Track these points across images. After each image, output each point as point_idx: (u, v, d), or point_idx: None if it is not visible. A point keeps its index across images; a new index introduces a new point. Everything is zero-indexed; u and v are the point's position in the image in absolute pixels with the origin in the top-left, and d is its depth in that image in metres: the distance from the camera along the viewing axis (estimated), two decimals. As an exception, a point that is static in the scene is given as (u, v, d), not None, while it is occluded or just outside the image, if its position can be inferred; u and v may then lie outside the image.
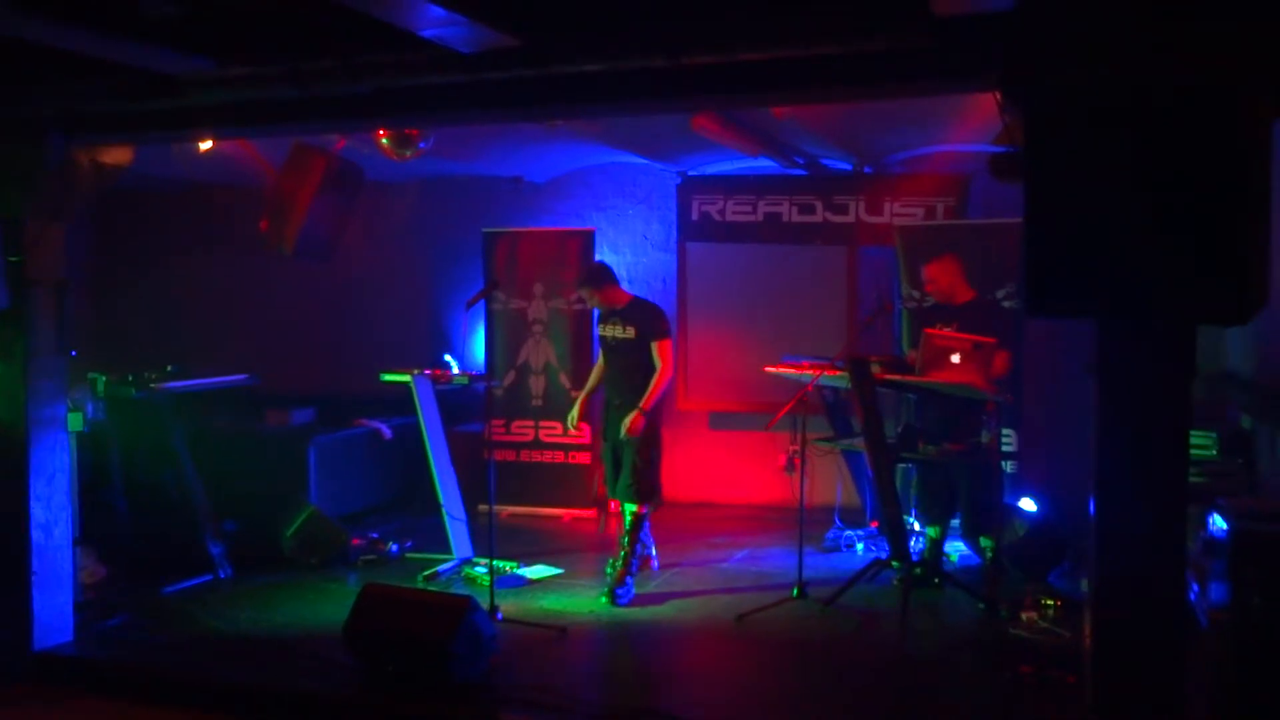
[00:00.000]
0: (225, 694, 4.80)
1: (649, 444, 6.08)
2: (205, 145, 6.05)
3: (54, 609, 5.32)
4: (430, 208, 9.11)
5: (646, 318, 6.16)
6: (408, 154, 6.50)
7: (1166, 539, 3.20)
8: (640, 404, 5.98)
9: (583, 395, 6.48)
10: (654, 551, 6.55)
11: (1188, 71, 2.93)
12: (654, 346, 6.06)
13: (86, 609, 5.62)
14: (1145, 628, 3.23)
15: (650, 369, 6.06)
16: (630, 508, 6.13)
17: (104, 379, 6.28)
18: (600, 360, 6.38)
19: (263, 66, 4.36)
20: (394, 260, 9.21)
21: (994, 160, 4.96)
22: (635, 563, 6.14)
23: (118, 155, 5.43)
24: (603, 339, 6.27)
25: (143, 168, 5.82)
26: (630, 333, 6.12)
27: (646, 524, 6.28)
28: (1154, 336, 3.14)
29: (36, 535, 5.25)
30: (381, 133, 6.31)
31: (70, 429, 5.49)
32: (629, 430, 5.97)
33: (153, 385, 6.31)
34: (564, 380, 8.17)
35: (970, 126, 6.31)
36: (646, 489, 6.10)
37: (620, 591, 5.94)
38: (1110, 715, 3.30)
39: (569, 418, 6.44)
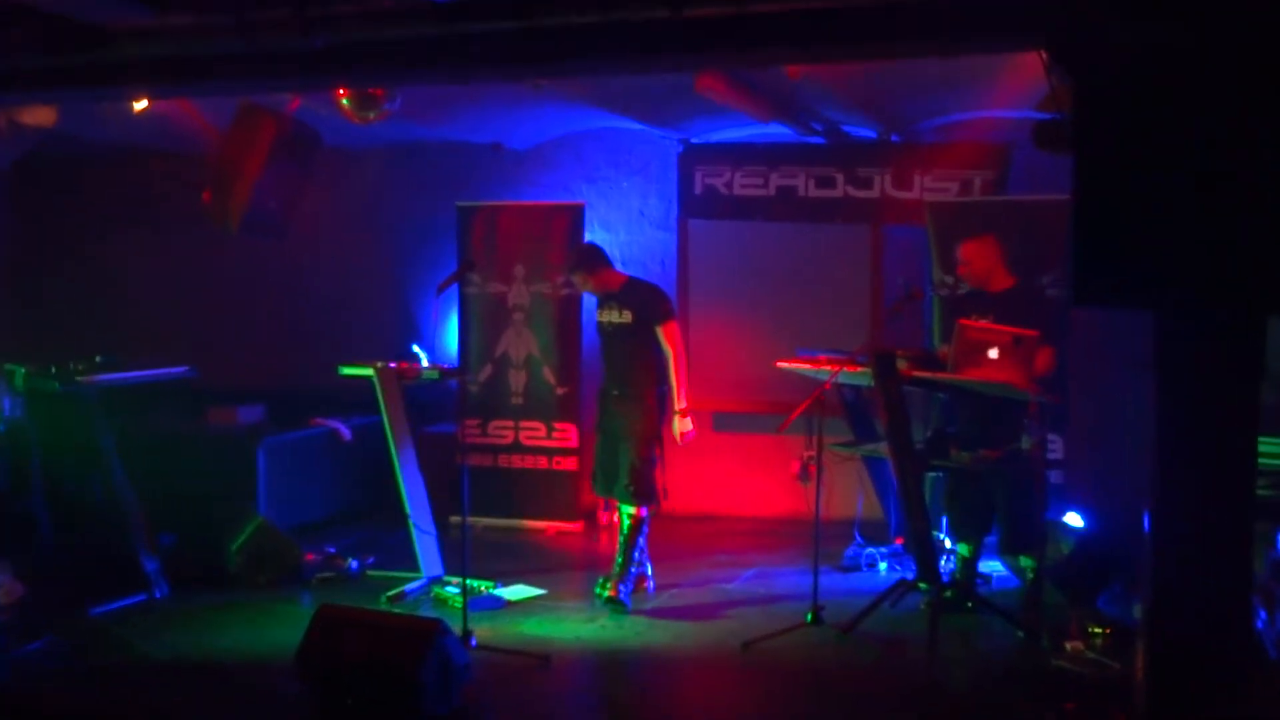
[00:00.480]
0: (160, 730, 4.80)
1: (650, 440, 6.19)
2: (140, 105, 6.02)
3: (-35, 632, 5.32)
4: (397, 178, 9.10)
5: (645, 300, 6.25)
6: (371, 116, 6.49)
7: (1231, 559, 3.21)
8: (679, 405, 6.20)
9: None
10: (650, 570, 6.57)
11: (1262, 28, 2.92)
12: (659, 331, 6.16)
13: (2, 632, 5.61)
14: (1205, 659, 3.24)
15: (652, 356, 6.18)
16: (627, 509, 6.22)
17: (22, 371, 6.27)
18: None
19: (206, 15, 4.36)
20: (356, 238, 9.20)
21: (1038, 128, 4.96)
22: (634, 570, 6.21)
23: (38, 116, 5.43)
24: (600, 325, 6.39)
25: (68, 129, 5.82)
26: (627, 317, 6.21)
27: (644, 535, 6.32)
28: (1219, 330, 3.15)
29: (-55, 549, 5.24)
30: (341, 92, 6.29)
31: (-16, 428, 5.48)
32: (685, 438, 6.26)
33: (79, 378, 6.30)
34: (548, 375, 8.17)
35: (1012, 90, 6.31)
36: (646, 489, 6.19)
37: (623, 588, 6.13)
38: (1165, 758, 3.31)
39: None
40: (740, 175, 8.19)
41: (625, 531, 6.25)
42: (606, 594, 6.14)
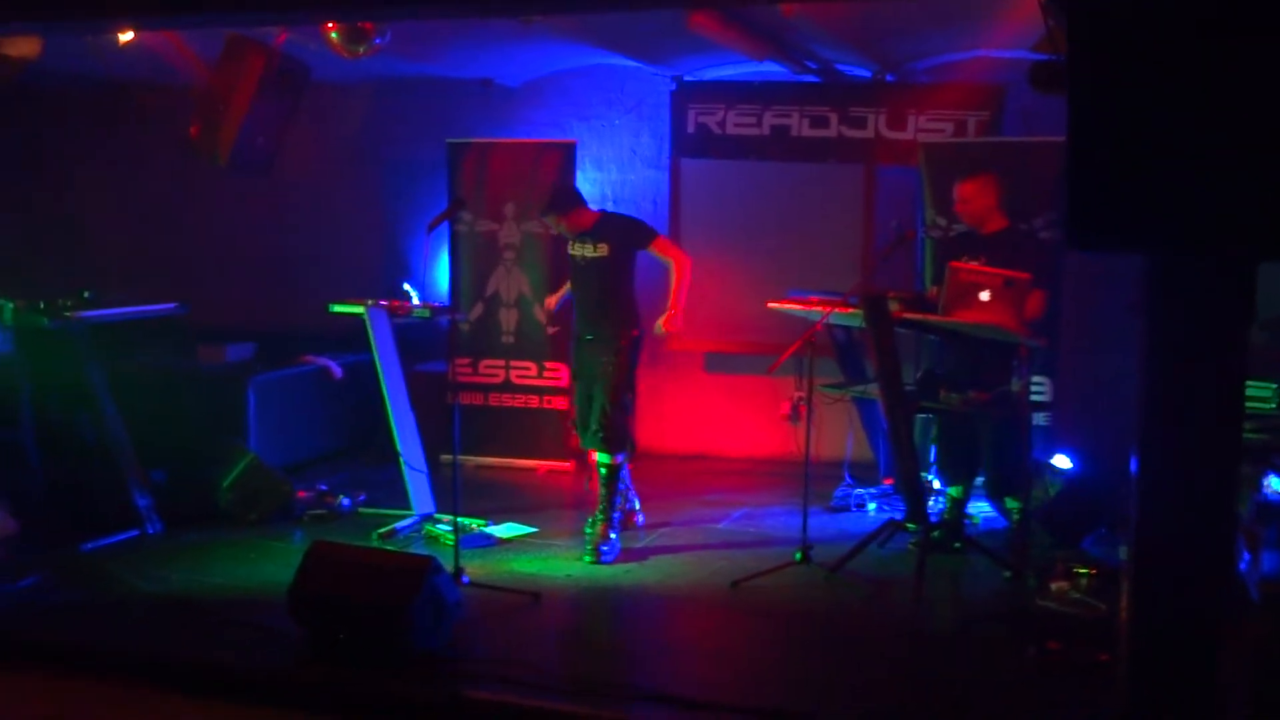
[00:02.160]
0: (153, 665, 4.82)
1: (622, 385, 6.17)
2: (125, 37, 5.94)
3: (-43, 568, 5.34)
4: (387, 114, 9.01)
5: (624, 229, 6.27)
6: (361, 51, 6.42)
7: (1216, 502, 3.23)
8: (670, 304, 6.14)
9: (557, 294, 6.72)
10: (638, 505, 6.62)
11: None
12: (653, 251, 6.23)
13: (-6, 568, 5.64)
14: (1189, 600, 3.28)
15: (627, 292, 6.20)
16: (604, 458, 6.20)
17: (11, 306, 6.23)
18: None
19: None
20: (345, 174, 9.14)
21: (1034, 69, 4.91)
22: (617, 515, 6.22)
23: (23, 47, 5.35)
24: (572, 259, 6.34)
25: (53, 63, 5.74)
26: (603, 250, 6.18)
27: (626, 473, 6.36)
28: (1209, 274, 3.15)
29: (-65, 484, 5.25)
30: (330, 25, 6.21)
31: (-27, 364, 5.47)
32: (669, 327, 6.16)
33: (68, 314, 6.28)
34: (539, 314, 8.15)
35: (1009, 30, 6.25)
36: (618, 437, 6.17)
37: (605, 549, 6.04)
38: (1145, 697, 3.36)
39: (544, 304, 6.60)
40: (733, 114, 8.13)
41: (603, 478, 6.21)
42: (588, 558, 6.03)
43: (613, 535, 6.12)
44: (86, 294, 6.48)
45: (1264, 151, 2.83)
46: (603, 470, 6.21)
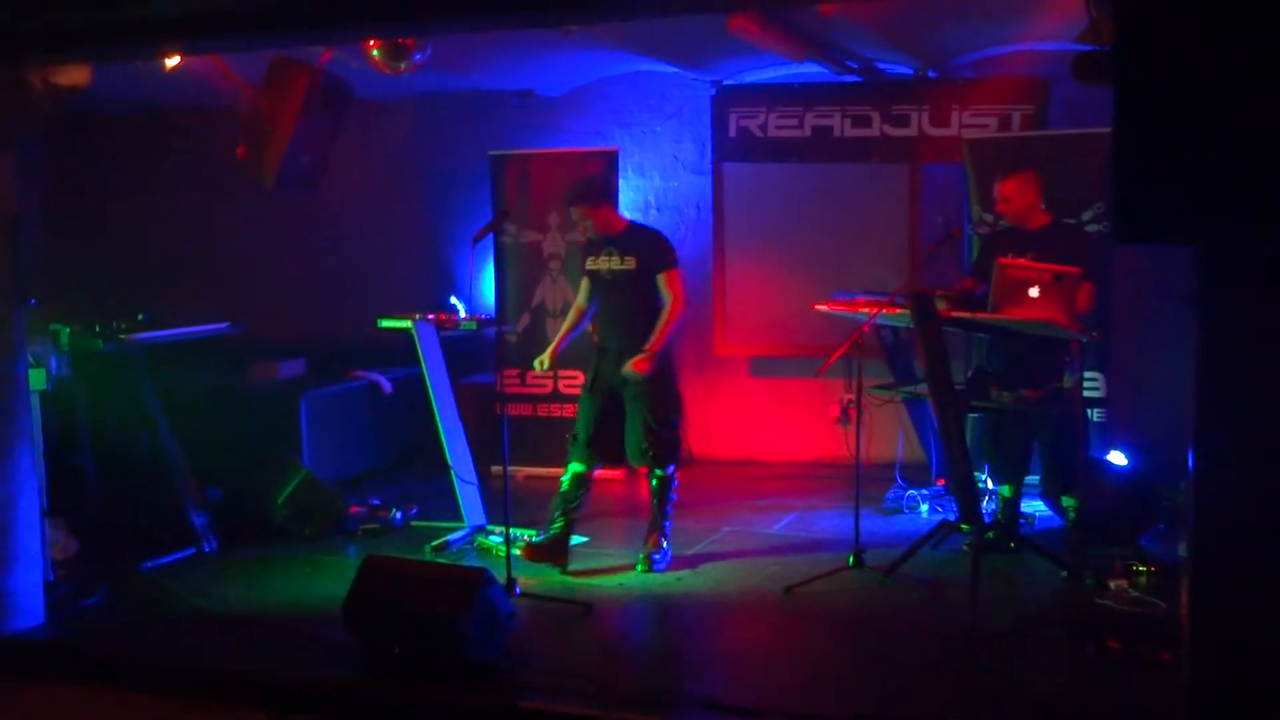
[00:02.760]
0: (213, 680, 4.89)
1: (663, 399, 5.94)
2: (172, 62, 6.03)
3: (23, 589, 5.41)
4: (429, 129, 9.08)
5: (652, 246, 6.01)
6: (402, 67, 6.47)
7: (1275, 496, 3.17)
8: (647, 346, 5.83)
9: (558, 338, 6.29)
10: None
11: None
12: (661, 279, 5.92)
13: (58, 588, 5.72)
14: (1251, 597, 3.22)
15: (656, 306, 5.93)
16: (657, 472, 6.03)
17: (68, 330, 6.33)
18: (579, 300, 6.28)
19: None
20: (389, 190, 9.21)
21: (1078, 61, 4.85)
22: (668, 524, 6.12)
23: (74, 76, 5.43)
24: (594, 274, 6.09)
25: (102, 90, 5.84)
26: (630, 264, 5.95)
27: (674, 491, 6.14)
28: (1261, 266, 3.09)
29: (-1, 509, 5.34)
30: (372, 43, 6.27)
31: (32, 388, 5.56)
32: (637, 369, 5.78)
33: (123, 336, 6.37)
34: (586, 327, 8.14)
35: (1051, 22, 6.20)
36: (665, 451, 5.98)
37: (656, 557, 5.99)
38: (1210, 696, 3.31)
39: (537, 361, 6.23)
40: (775, 116, 8.12)
41: (655, 493, 6.05)
42: (641, 567, 5.95)
43: (665, 544, 6.09)
44: (141, 316, 6.57)
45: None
46: (653, 482, 6.08)
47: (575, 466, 6.10)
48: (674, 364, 6.13)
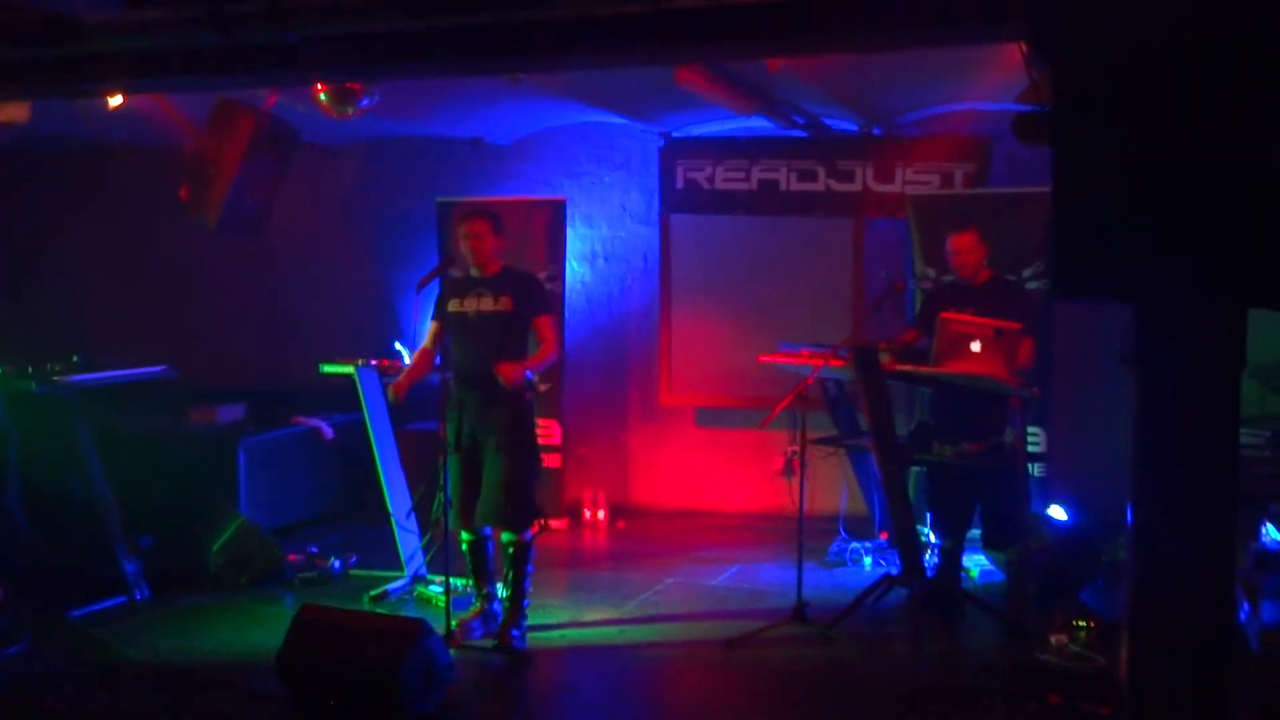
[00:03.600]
0: (140, 733, 4.77)
1: (529, 451, 5.65)
2: (115, 101, 5.98)
3: (-58, 636, 5.27)
4: (376, 174, 9.05)
5: (530, 289, 5.74)
6: (349, 112, 6.45)
7: (1213, 551, 3.20)
8: (523, 363, 5.50)
9: (408, 376, 5.86)
10: (502, 593, 5.76)
11: (1243, 19, 2.92)
12: (539, 324, 5.66)
13: (-19, 635, 5.58)
14: (1189, 652, 3.24)
15: (523, 352, 5.63)
16: (509, 536, 5.61)
17: (0, 371, 6.22)
18: (427, 343, 5.94)
19: (180, 8, 4.32)
20: (335, 234, 9.15)
21: (1018, 120, 4.94)
22: (526, 600, 5.69)
23: (12, 112, 5.37)
24: (458, 316, 5.68)
25: (42, 127, 5.77)
26: (504, 305, 5.61)
27: (532, 560, 5.73)
28: (1199, 323, 3.14)
29: (-79, 551, 5.20)
30: (319, 87, 6.26)
31: (-40, 429, 5.43)
32: (504, 374, 5.38)
33: (56, 378, 6.25)
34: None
35: (993, 82, 6.30)
36: (530, 509, 5.63)
37: (516, 634, 5.56)
38: (1149, 752, 3.31)
39: (391, 395, 5.82)
40: (722, 169, 8.18)
41: (512, 563, 5.60)
42: (496, 643, 5.52)
43: (524, 621, 5.63)
44: (76, 358, 6.46)
45: (1249, 199, 2.83)
46: (509, 550, 5.62)
47: (465, 535, 5.80)
48: (534, 419, 5.84)
